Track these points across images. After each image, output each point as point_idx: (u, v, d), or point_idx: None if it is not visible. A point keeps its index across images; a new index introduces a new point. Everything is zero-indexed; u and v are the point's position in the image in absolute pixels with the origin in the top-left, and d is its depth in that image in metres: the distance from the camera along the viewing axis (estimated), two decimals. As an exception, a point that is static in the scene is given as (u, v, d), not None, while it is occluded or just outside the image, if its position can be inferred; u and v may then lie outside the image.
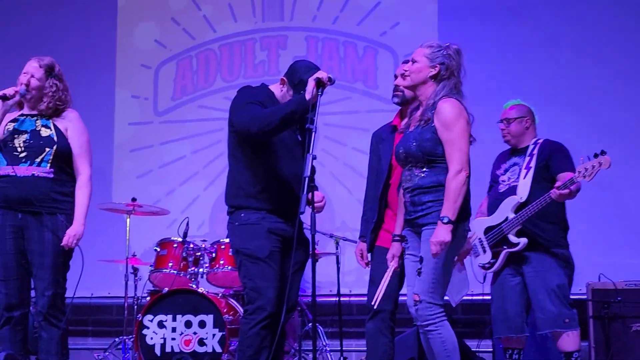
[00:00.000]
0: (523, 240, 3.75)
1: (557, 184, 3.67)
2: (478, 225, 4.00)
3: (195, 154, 6.05)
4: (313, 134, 2.91)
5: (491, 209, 3.98)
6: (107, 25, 6.39)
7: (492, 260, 3.91)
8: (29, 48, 4.83)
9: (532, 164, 3.86)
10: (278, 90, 3.30)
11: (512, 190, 3.86)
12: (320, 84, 2.95)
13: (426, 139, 2.95)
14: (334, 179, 5.31)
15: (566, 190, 3.59)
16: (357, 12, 5.97)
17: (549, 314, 3.77)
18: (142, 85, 6.28)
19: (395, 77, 3.63)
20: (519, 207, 3.80)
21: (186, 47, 6.25)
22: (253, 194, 3.21)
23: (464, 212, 2.95)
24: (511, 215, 3.81)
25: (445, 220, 2.80)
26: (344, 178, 5.39)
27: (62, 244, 3.45)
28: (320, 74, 2.98)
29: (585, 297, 4.73)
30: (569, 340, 3.78)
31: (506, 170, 4.01)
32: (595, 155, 3.61)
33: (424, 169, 3.00)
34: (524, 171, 3.88)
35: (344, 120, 5.39)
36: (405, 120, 3.43)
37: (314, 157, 2.94)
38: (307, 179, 2.87)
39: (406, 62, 3.48)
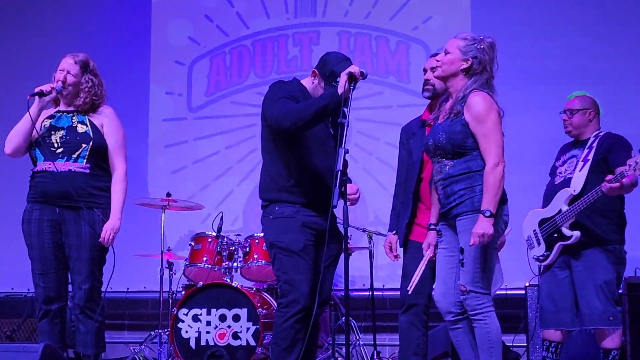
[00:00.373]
0: (576, 234, 3.71)
1: (609, 177, 3.59)
2: (533, 217, 4.00)
3: (229, 149, 6.08)
4: (345, 127, 2.91)
5: (546, 201, 3.96)
6: (141, 23, 6.45)
7: (546, 253, 3.89)
8: (65, 46, 4.96)
9: (590, 157, 3.81)
10: (310, 83, 3.31)
11: (566, 183, 3.82)
12: (352, 79, 2.95)
13: (456, 132, 2.94)
14: (367, 173, 5.28)
15: (617, 184, 3.50)
16: (390, 7, 5.95)
17: (595, 310, 3.74)
18: (176, 81, 6.34)
19: (425, 71, 3.63)
20: (573, 200, 3.76)
21: (219, 44, 6.27)
22: (287, 187, 3.22)
23: (502, 198, 2.98)
24: (564, 208, 3.76)
25: (487, 214, 2.81)
26: (377, 173, 5.37)
27: (100, 239, 3.49)
28: (352, 69, 2.98)
29: (621, 291, 4.53)
30: (611, 338, 3.75)
31: (564, 162, 3.98)
32: None
33: (452, 162, 3.02)
34: (580, 163, 3.84)
35: (376, 114, 5.37)
36: (435, 112, 3.43)
37: (347, 151, 2.95)
38: (339, 172, 2.88)
39: (434, 55, 3.51)
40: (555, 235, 3.84)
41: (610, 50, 5.59)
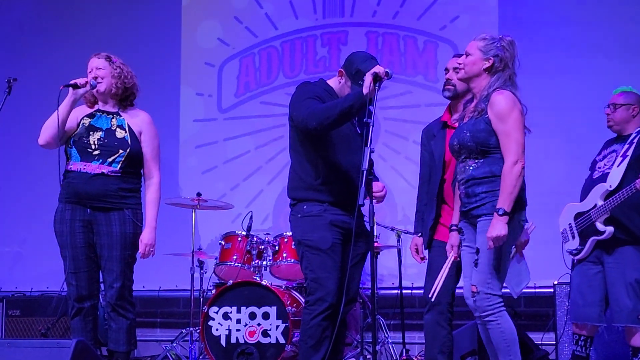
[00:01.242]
0: (609, 229, 3.69)
1: None
2: (569, 210, 4.01)
3: (259, 149, 6.10)
4: (371, 127, 2.93)
5: (583, 195, 3.95)
6: (171, 25, 6.50)
7: (579, 247, 3.89)
8: (97, 48, 5.05)
9: (629, 152, 3.78)
10: (336, 83, 3.33)
11: (604, 177, 3.81)
12: (377, 79, 2.96)
13: (480, 130, 2.96)
14: (395, 172, 5.30)
15: None
16: (417, 7, 5.94)
17: (624, 307, 3.72)
18: (206, 82, 6.37)
19: (447, 70, 3.65)
20: (608, 195, 3.75)
21: (249, 45, 6.28)
22: (315, 186, 3.25)
23: (520, 203, 2.95)
24: (600, 203, 3.75)
25: (501, 212, 2.81)
26: (405, 171, 5.38)
27: (139, 254, 3.59)
28: (377, 69, 3.00)
29: None
30: None
31: (604, 157, 3.97)
32: None
33: (478, 160, 3.02)
34: (619, 159, 3.82)
35: (405, 114, 5.35)
36: (459, 113, 3.44)
37: (372, 150, 2.96)
38: (365, 172, 2.89)
39: (457, 56, 3.53)
40: (590, 229, 3.83)
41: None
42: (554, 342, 4.60)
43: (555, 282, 4.62)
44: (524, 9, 5.76)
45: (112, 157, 3.52)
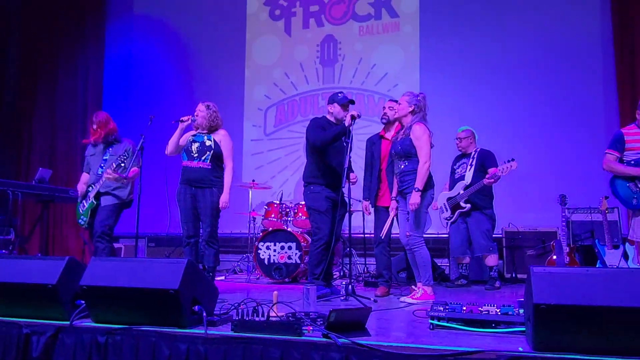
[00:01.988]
0: (468, 206, 4.48)
1: (487, 176, 4.34)
2: (444, 196, 4.66)
3: (286, 156, 6.84)
4: (349, 143, 3.55)
5: (451, 187, 4.66)
6: (238, 89, 7.09)
7: (450, 216, 4.61)
8: (202, 97, 5.36)
9: (473, 163, 4.54)
10: (330, 116, 3.79)
11: (462, 177, 4.58)
12: (353, 117, 3.56)
13: (406, 145, 3.40)
14: (361, 168, 4.74)
15: (492, 180, 4.34)
16: (374, 78, 6.60)
17: (481, 244, 4.41)
18: (258, 119, 7.08)
19: (384, 107, 4.08)
20: (466, 188, 4.48)
21: (281, 98, 6.96)
22: (318, 175, 3.71)
23: (428, 184, 3.41)
24: (461, 192, 4.52)
25: (417, 190, 3.29)
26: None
27: (220, 206, 3.90)
28: (353, 112, 3.57)
29: (501, 236, 5.23)
30: (491, 259, 4.47)
31: (459, 166, 4.68)
32: (508, 161, 4.27)
33: (404, 162, 3.45)
34: (469, 167, 4.55)
35: (366, 135, 4.77)
36: (390, 132, 3.92)
37: (350, 156, 3.53)
38: (346, 168, 3.52)
39: (392, 101, 4.00)
40: (457, 206, 4.50)
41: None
42: (448, 264, 5.17)
43: (447, 232, 4.96)
44: (439, 80, 6.18)
45: (204, 156, 3.92)
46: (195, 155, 3.91)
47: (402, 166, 3.44)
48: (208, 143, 3.94)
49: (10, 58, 7.69)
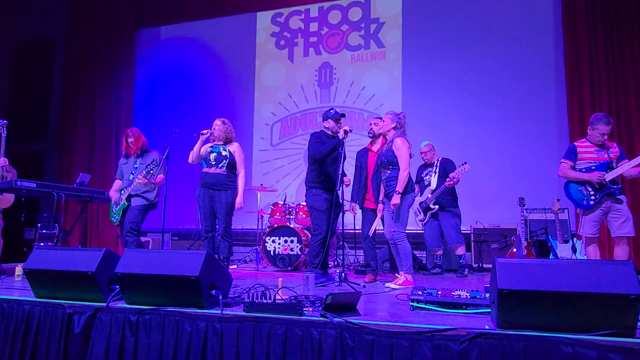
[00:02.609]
0: (436, 207, 4.49)
1: (448, 179, 4.36)
2: (416, 202, 4.60)
3: (289, 164, 6.81)
4: (343, 153, 3.60)
5: (421, 193, 4.65)
6: (249, 107, 7.08)
7: (423, 218, 4.61)
8: (216, 114, 5.13)
9: (437, 171, 4.57)
10: (327, 130, 3.83)
11: (429, 184, 4.58)
12: (346, 132, 3.62)
13: (389, 156, 3.47)
14: (351, 174, 4.82)
15: (451, 182, 4.34)
16: (364, 98, 6.60)
17: (452, 237, 4.43)
18: (265, 132, 7.05)
19: (370, 124, 4.17)
20: (433, 192, 4.50)
21: (284, 115, 6.96)
22: (318, 181, 3.76)
23: (409, 188, 3.45)
24: (429, 196, 4.53)
25: (398, 192, 3.35)
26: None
27: (236, 207, 3.89)
28: (346, 127, 3.63)
29: (470, 232, 5.25)
30: (460, 249, 4.49)
31: (426, 174, 4.69)
32: (462, 164, 4.30)
33: (388, 170, 3.50)
34: (433, 174, 4.57)
35: (358, 147, 4.86)
36: (376, 145, 3.99)
37: (344, 165, 3.57)
38: (340, 174, 3.55)
39: (377, 118, 4.06)
40: (427, 208, 4.51)
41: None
42: (425, 256, 5.24)
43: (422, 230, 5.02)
44: (418, 101, 6.25)
45: (220, 164, 3.94)
46: (213, 163, 3.95)
47: (387, 174, 3.49)
48: (224, 153, 3.98)
49: (55, 80, 7.73)
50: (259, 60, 7.02)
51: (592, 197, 3.37)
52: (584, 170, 3.46)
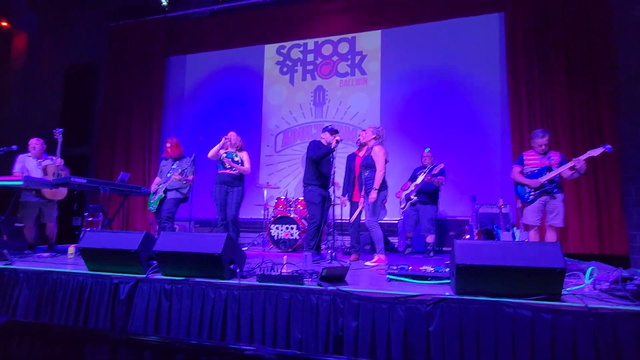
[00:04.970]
0: (416, 199, 4.48)
1: (429, 176, 4.38)
2: (402, 194, 4.63)
3: (289, 167, 6.69)
4: (334, 159, 3.63)
5: (405, 187, 4.65)
6: (257, 121, 6.89)
7: (404, 206, 4.56)
8: (231, 126, 5.25)
9: (427, 171, 4.50)
10: (323, 140, 3.84)
11: (414, 180, 4.58)
12: (337, 141, 3.66)
13: (369, 159, 3.50)
14: (339, 175, 5.03)
15: (432, 180, 4.36)
16: (350, 115, 6.50)
17: (426, 227, 4.47)
18: (270, 141, 6.89)
19: (359, 135, 4.05)
20: (417, 185, 4.47)
21: (286, 128, 6.85)
22: (314, 179, 3.76)
23: (383, 186, 3.45)
24: (412, 188, 4.48)
25: (374, 189, 3.37)
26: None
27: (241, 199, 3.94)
28: (338, 137, 3.69)
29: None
30: (430, 238, 4.48)
31: (419, 173, 4.61)
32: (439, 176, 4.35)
33: (367, 172, 3.52)
34: (423, 173, 4.52)
35: (345, 154, 4.72)
36: (362, 152, 3.93)
37: (335, 166, 3.59)
38: (333, 174, 3.57)
39: (363, 130, 3.97)
40: (409, 199, 4.53)
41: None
42: (398, 240, 5.23)
43: (400, 218, 5.06)
44: (394, 117, 6.11)
45: (233, 167, 4.02)
46: (227, 166, 3.97)
47: (366, 174, 3.50)
48: (236, 159, 4.01)
49: (98, 97, 7.67)
50: (266, 83, 6.91)
51: (532, 194, 3.47)
52: (529, 173, 3.55)
